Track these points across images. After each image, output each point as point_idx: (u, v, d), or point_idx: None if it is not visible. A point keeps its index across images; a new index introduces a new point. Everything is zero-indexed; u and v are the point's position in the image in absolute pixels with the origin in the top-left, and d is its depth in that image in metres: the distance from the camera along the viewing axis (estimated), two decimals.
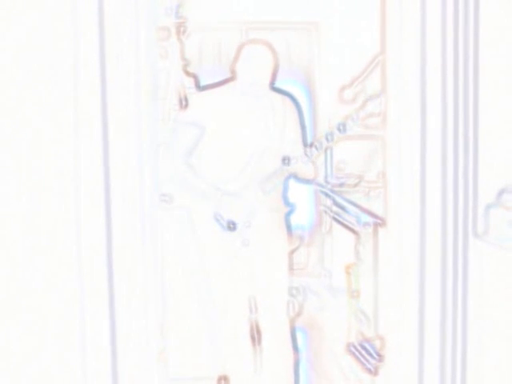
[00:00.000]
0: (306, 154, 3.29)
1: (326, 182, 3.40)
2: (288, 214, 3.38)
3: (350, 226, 3.40)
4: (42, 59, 3.08)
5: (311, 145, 3.31)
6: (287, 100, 3.33)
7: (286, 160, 3.29)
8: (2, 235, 3.15)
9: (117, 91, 3.14)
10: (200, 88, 3.29)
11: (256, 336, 3.38)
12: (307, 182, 3.36)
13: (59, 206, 3.17)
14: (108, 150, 3.16)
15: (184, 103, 3.29)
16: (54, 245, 3.18)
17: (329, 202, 3.42)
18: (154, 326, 3.33)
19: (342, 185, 3.39)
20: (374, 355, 3.39)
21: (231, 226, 3.27)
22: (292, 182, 3.35)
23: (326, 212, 3.43)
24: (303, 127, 3.33)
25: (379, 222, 3.35)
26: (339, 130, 3.29)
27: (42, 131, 3.12)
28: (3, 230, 3.16)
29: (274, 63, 3.27)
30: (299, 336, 3.43)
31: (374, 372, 3.40)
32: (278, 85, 3.31)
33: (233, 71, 3.28)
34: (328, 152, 3.35)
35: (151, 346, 3.33)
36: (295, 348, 3.42)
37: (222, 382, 3.39)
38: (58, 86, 3.10)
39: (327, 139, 3.29)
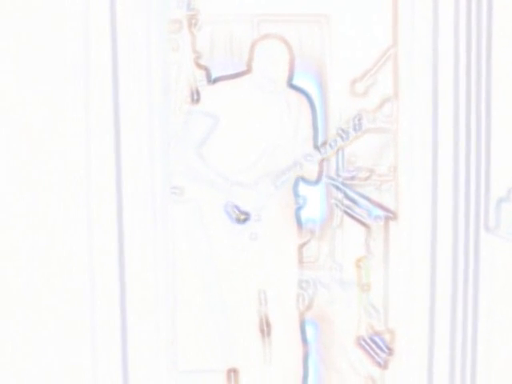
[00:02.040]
0: (319, 152, 3.28)
1: (337, 175, 3.39)
2: (299, 208, 3.38)
3: (361, 219, 3.39)
4: (54, 53, 3.08)
5: (324, 143, 3.30)
6: (302, 98, 3.31)
7: (297, 164, 3.28)
8: (12, 226, 3.15)
9: (128, 84, 3.13)
10: (211, 81, 3.28)
11: (265, 329, 3.38)
12: (313, 183, 3.35)
13: (70, 198, 3.16)
14: (120, 143, 3.16)
15: (195, 96, 3.28)
16: (64, 238, 3.18)
17: (340, 196, 3.41)
18: (163, 318, 3.33)
19: (353, 178, 3.38)
20: (384, 349, 3.38)
21: (243, 218, 3.26)
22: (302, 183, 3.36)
23: (336, 205, 3.42)
24: (315, 128, 3.32)
25: (390, 216, 3.34)
26: (355, 129, 3.28)
27: (53, 125, 3.11)
28: (13, 221, 3.16)
29: (291, 60, 3.26)
30: (309, 329, 3.43)
31: (383, 366, 3.40)
32: (294, 81, 3.30)
33: (249, 65, 3.26)
34: (341, 148, 3.34)
35: (161, 338, 3.33)
36: (305, 341, 3.42)
37: (232, 374, 3.39)
38: (70, 78, 3.10)
39: (342, 138, 3.28)
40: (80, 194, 3.16)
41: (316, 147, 3.29)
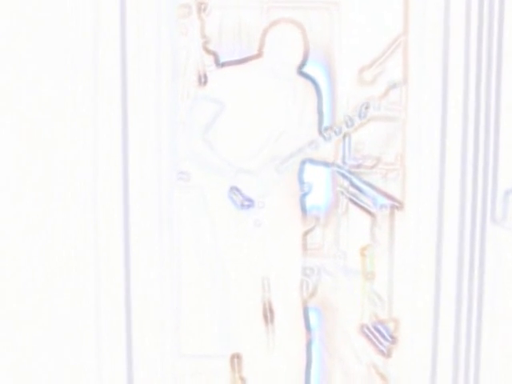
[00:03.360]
0: (324, 138, 3.26)
1: (344, 163, 3.37)
2: (304, 195, 3.37)
3: (367, 207, 3.38)
4: (62, 39, 3.06)
5: (330, 128, 3.28)
6: (309, 85, 3.29)
7: (312, 144, 3.26)
8: (17, 221, 3.16)
9: (137, 69, 3.11)
10: (220, 65, 3.26)
11: (269, 315, 3.38)
12: (325, 164, 3.34)
13: (77, 184, 3.16)
14: (127, 128, 3.14)
15: (203, 80, 3.26)
16: (71, 224, 3.18)
17: (346, 184, 3.40)
18: (168, 303, 3.33)
19: (359, 166, 3.36)
20: (388, 337, 3.39)
21: (247, 204, 3.26)
22: (309, 165, 3.33)
23: (342, 193, 3.41)
24: (321, 114, 3.30)
25: (396, 205, 3.33)
26: (360, 116, 3.26)
27: (61, 111, 3.10)
28: (19, 215, 3.16)
29: (305, 48, 3.23)
30: (312, 316, 3.44)
31: (386, 354, 3.40)
32: (304, 69, 3.28)
33: (260, 50, 3.24)
34: (346, 135, 3.32)
35: (165, 323, 3.33)
36: (308, 328, 3.42)
37: (235, 360, 3.40)
38: (78, 62, 3.08)
39: (347, 125, 3.26)
40: (86, 179, 3.15)
41: (320, 133, 3.27)
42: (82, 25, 3.06)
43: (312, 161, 3.31)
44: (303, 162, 3.31)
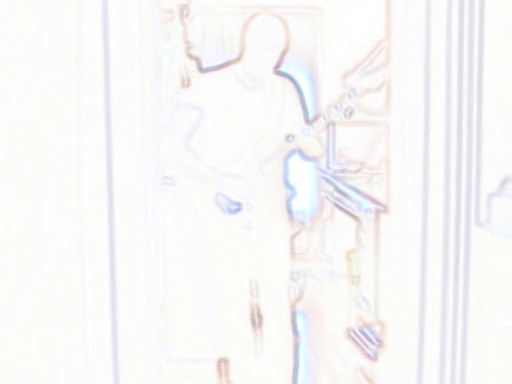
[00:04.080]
0: (305, 133, 3.27)
1: (328, 167, 3.39)
2: (289, 199, 3.38)
3: (352, 211, 3.39)
4: (45, 42, 3.07)
5: (311, 122, 3.29)
6: (287, 82, 3.30)
7: (289, 137, 3.26)
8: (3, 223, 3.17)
9: (120, 74, 3.13)
10: (202, 70, 3.28)
11: (256, 319, 3.39)
12: (312, 159, 3.34)
13: (61, 190, 3.17)
14: (111, 133, 3.15)
15: (187, 85, 3.28)
16: (55, 229, 3.19)
17: (330, 188, 3.41)
18: (155, 307, 3.34)
19: (343, 171, 3.38)
20: (374, 341, 3.39)
21: (233, 208, 3.27)
22: (293, 164, 3.34)
23: (327, 198, 3.42)
24: (304, 107, 3.31)
25: (381, 209, 3.34)
26: (336, 107, 3.26)
27: (44, 113, 3.11)
28: (4, 218, 3.17)
29: (285, 44, 3.23)
30: (299, 320, 3.44)
31: (373, 357, 3.41)
32: (281, 69, 3.29)
33: (240, 51, 3.24)
34: (330, 137, 3.33)
35: (152, 326, 3.34)
36: (295, 332, 3.43)
37: (222, 364, 3.41)
38: (61, 68, 3.09)
39: (324, 118, 3.26)
40: (72, 184, 3.16)
41: (308, 122, 3.28)
42: (64, 30, 3.07)
43: (296, 156, 3.32)
44: (286, 161, 3.32)
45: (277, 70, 3.27)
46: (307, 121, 3.30)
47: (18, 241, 3.19)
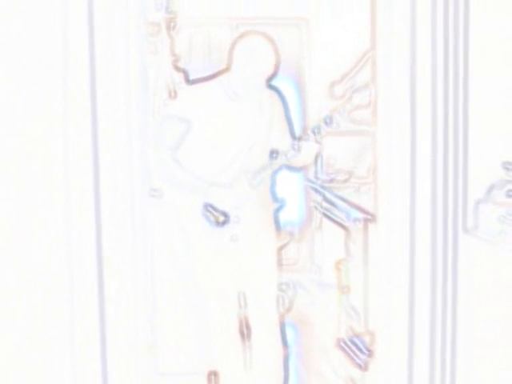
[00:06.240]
0: (293, 148, 3.29)
1: (316, 177, 3.40)
2: (277, 210, 3.38)
3: (340, 221, 3.40)
4: (31, 53, 3.07)
5: (299, 138, 3.31)
6: (274, 94, 3.32)
7: (273, 153, 3.28)
8: None
9: (106, 86, 3.13)
10: (189, 82, 3.29)
11: (245, 331, 3.38)
12: (298, 170, 3.35)
13: (48, 200, 3.16)
14: (98, 145, 3.15)
15: (174, 97, 3.28)
16: (43, 240, 3.17)
17: (319, 198, 3.42)
18: (143, 320, 3.32)
19: (331, 180, 3.39)
20: (364, 351, 3.39)
21: (222, 220, 3.26)
22: (280, 176, 3.35)
23: (316, 208, 3.43)
24: (289, 121, 3.32)
25: (369, 218, 3.35)
26: (326, 123, 3.29)
27: (30, 126, 3.11)
28: None
29: (276, 60, 3.25)
30: (289, 331, 3.44)
31: (363, 367, 3.41)
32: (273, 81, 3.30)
33: (228, 63, 3.26)
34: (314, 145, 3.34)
35: (140, 340, 3.32)
36: (285, 343, 3.42)
37: (212, 377, 3.39)
38: (48, 80, 3.09)
39: (314, 132, 3.28)
40: (58, 196, 3.15)
41: (292, 141, 3.29)
42: (50, 43, 3.07)
43: (283, 169, 3.33)
44: (275, 174, 3.33)
45: (264, 83, 3.28)
46: (293, 134, 3.31)
47: (5, 250, 3.17)
